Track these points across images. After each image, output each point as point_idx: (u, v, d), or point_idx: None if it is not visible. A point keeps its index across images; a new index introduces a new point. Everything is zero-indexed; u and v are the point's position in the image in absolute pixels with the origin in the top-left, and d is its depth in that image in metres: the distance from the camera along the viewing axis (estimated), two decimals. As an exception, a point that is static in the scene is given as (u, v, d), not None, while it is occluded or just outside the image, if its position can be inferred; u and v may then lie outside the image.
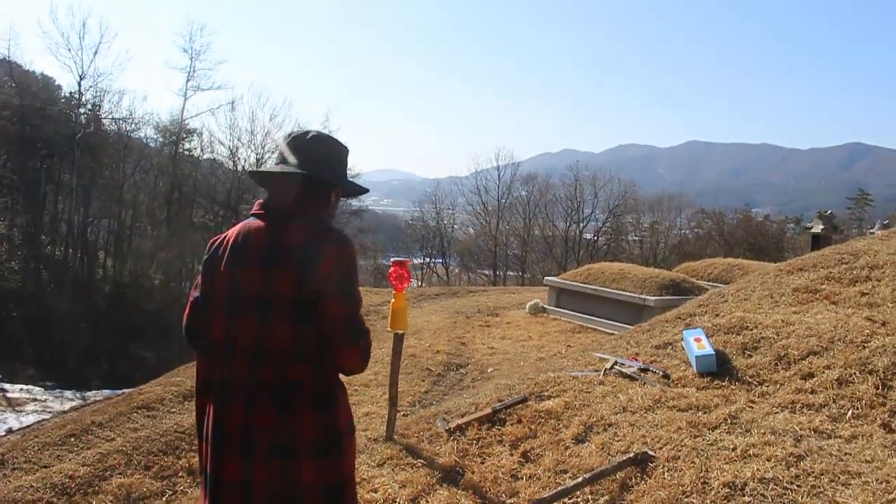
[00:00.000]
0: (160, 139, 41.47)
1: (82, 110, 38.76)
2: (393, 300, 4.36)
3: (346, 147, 2.51)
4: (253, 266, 2.25)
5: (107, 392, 18.50)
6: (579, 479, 3.27)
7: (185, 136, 41.11)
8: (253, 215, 2.39)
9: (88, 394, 21.66)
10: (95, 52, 37.22)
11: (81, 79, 37.01)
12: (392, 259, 4.65)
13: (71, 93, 38.93)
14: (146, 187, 40.91)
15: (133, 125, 40.42)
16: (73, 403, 15.72)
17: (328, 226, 2.36)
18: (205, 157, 43.35)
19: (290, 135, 2.46)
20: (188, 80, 39.51)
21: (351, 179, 2.57)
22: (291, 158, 2.38)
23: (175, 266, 39.48)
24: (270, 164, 2.49)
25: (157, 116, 41.78)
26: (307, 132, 2.46)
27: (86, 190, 37.50)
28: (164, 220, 39.67)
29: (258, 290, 2.22)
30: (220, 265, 2.33)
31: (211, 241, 2.47)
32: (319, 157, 2.40)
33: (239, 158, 42.83)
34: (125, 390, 11.05)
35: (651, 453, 3.33)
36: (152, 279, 39.00)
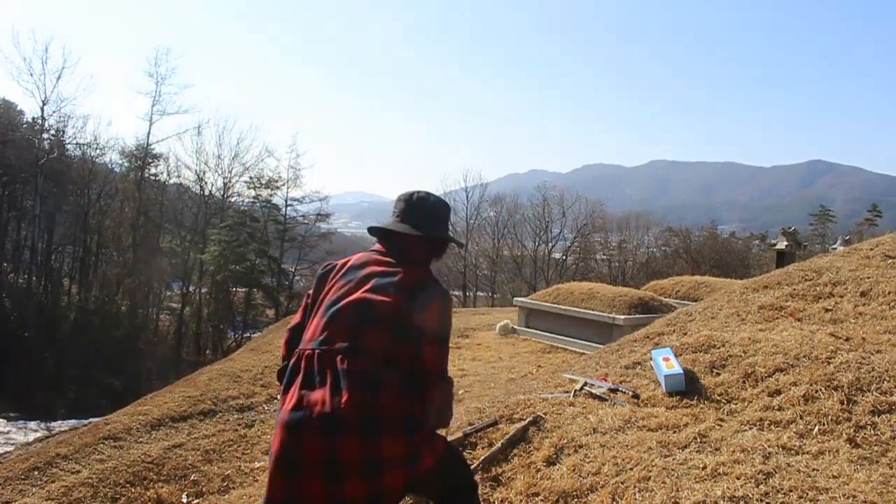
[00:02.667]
0: (126, 164, 41.18)
1: (45, 136, 38.42)
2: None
3: (449, 206, 2.90)
4: (365, 281, 2.56)
5: (73, 422, 18.19)
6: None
7: (151, 160, 40.91)
8: (374, 251, 2.73)
9: (54, 424, 21.28)
10: (58, 77, 37.00)
11: (44, 104, 36.73)
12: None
13: (34, 118, 38.62)
14: (112, 213, 40.49)
15: (98, 150, 40.19)
16: (38, 435, 15.41)
17: (437, 279, 2.71)
18: (171, 181, 43.18)
19: (412, 195, 2.81)
20: (154, 105, 39.43)
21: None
22: (413, 218, 2.74)
23: (142, 292, 39.08)
24: (391, 221, 2.79)
25: (123, 141, 41.64)
26: (429, 195, 2.82)
27: (49, 216, 37.04)
28: (130, 246, 39.28)
29: (364, 300, 2.51)
30: (332, 279, 2.64)
31: (325, 263, 2.80)
32: (439, 219, 2.80)
33: (206, 183, 42.70)
34: (92, 420, 10.87)
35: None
36: (119, 305, 38.56)
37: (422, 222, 2.73)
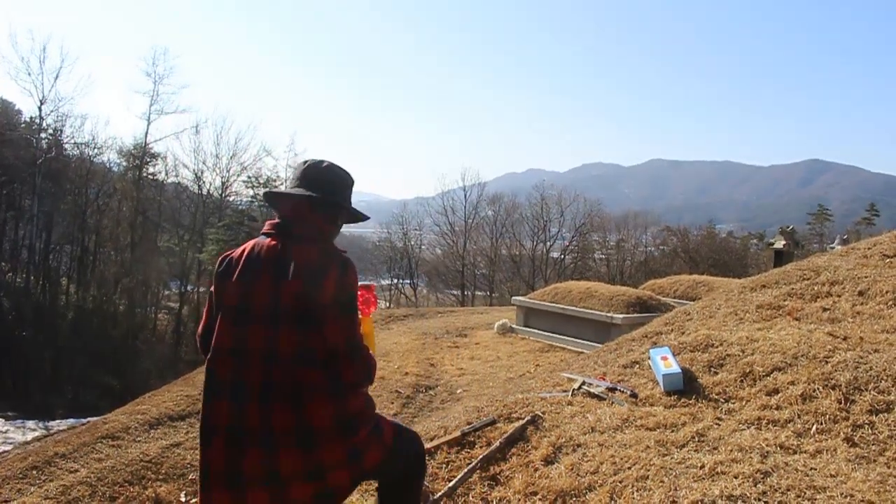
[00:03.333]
0: (123, 163, 41.13)
1: (43, 135, 38.36)
2: (360, 325, 4.34)
3: (352, 177, 2.77)
4: (263, 279, 2.47)
5: (71, 421, 18.17)
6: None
7: (148, 160, 40.85)
8: (264, 234, 2.62)
9: (52, 423, 21.26)
10: (56, 77, 36.96)
11: (42, 103, 36.69)
12: (358, 284, 4.63)
13: (31, 118, 38.56)
14: (109, 212, 40.42)
15: (96, 150, 40.13)
16: (36, 434, 15.41)
17: (335, 248, 2.60)
18: (169, 181, 43.13)
19: (304, 162, 2.72)
20: (152, 104, 39.35)
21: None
22: (304, 183, 2.63)
23: (140, 291, 39.02)
24: (284, 188, 2.78)
25: (121, 140, 41.50)
26: (322, 161, 2.71)
27: (47, 215, 37.01)
28: (128, 245, 39.23)
29: (267, 301, 2.43)
30: (231, 278, 2.54)
31: (222, 256, 2.69)
32: (330, 183, 2.66)
33: (204, 182, 42.62)
34: (90, 419, 10.87)
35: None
36: (117, 305, 38.51)
37: (311, 186, 2.62)
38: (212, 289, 2.65)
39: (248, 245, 2.63)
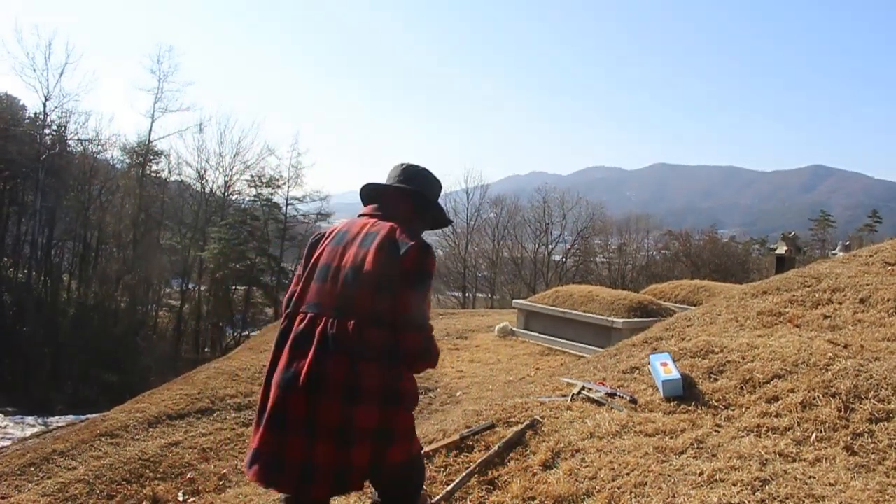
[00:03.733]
0: (127, 160, 41.16)
1: (47, 131, 38.40)
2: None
3: (441, 184, 3.11)
4: (350, 246, 2.72)
5: (70, 417, 18.17)
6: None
7: (152, 157, 40.88)
8: (359, 215, 2.92)
9: (51, 420, 21.25)
10: (61, 73, 37.00)
11: (47, 99, 36.71)
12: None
13: (36, 113, 38.57)
14: (112, 209, 40.43)
15: (99, 146, 40.15)
16: (35, 430, 15.40)
17: (419, 233, 2.82)
18: (172, 178, 43.14)
19: (402, 164, 3.01)
20: (156, 102, 39.36)
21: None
22: (401, 178, 2.95)
23: (141, 289, 39.03)
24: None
25: (124, 138, 41.50)
26: (417, 165, 3.02)
27: (50, 211, 37.01)
28: (130, 243, 39.24)
29: (350, 265, 2.67)
30: (322, 245, 2.81)
31: (315, 232, 2.98)
32: (423, 180, 2.98)
33: (207, 180, 42.66)
34: (89, 416, 10.87)
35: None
36: (118, 302, 38.51)
37: (406, 181, 2.94)
38: (301, 261, 2.89)
39: (342, 222, 2.93)
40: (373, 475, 2.68)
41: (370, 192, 3.00)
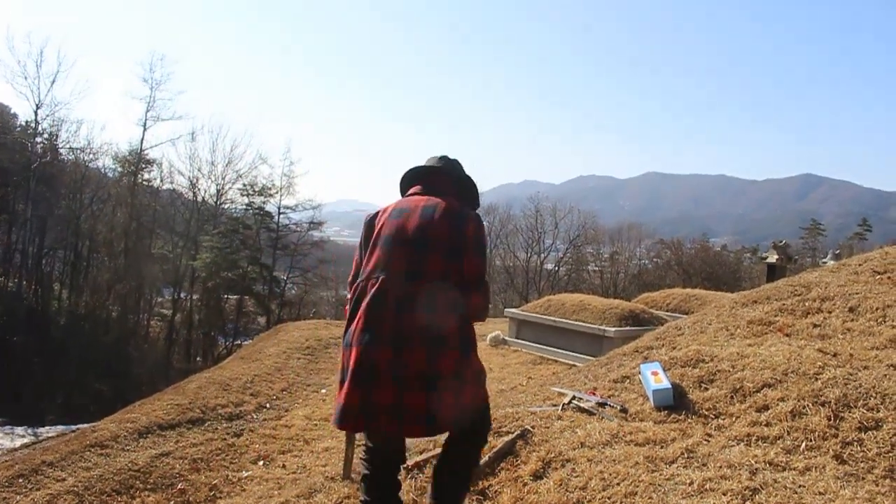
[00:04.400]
0: (119, 169, 41.02)
1: (39, 139, 38.25)
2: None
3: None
4: (413, 216, 2.99)
5: (61, 428, 18.05)
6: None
7: (144, 166, 40.77)
8: (410, 194, 3.21)
9: (41, 430, 21.10)
10: (53, 81, 36.96)
11: (38, 107, 36.58)
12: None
13: (27, 122, 38.45)
14: (104, 218, 40.27)
15: (91, 155, 40.01)
16: (25, 440, 15.30)
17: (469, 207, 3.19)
18: (164, 187, 43.02)
19: (439, 155, 3.33)
20: (148, 110, 39.24)
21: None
22: (442, 165, 3.29)
23: (133, 298, 38.88)
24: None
25: (116, 146, 41.56)
26: (454, 158, 3.35)
27: (41, 220, 36.85)
28: (121, 251, 39.08)
29: (417, 233, 2.94)
30: (381, 220, 3.07)
31: (369, 214, 3.21)
32: (461, 169, 3.33)
33: (199, 189, 42.59)
34: (80, 426, 10.80)
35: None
36: (109, 311, 38.34)
37: (447, 167, 3.29)
38: (359, 241, 3.15)
39: (395, 201, 3.19)
40: (453, 418, 2.90)
41: (416, 175, 3.29)
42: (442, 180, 3.22)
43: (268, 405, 9.24)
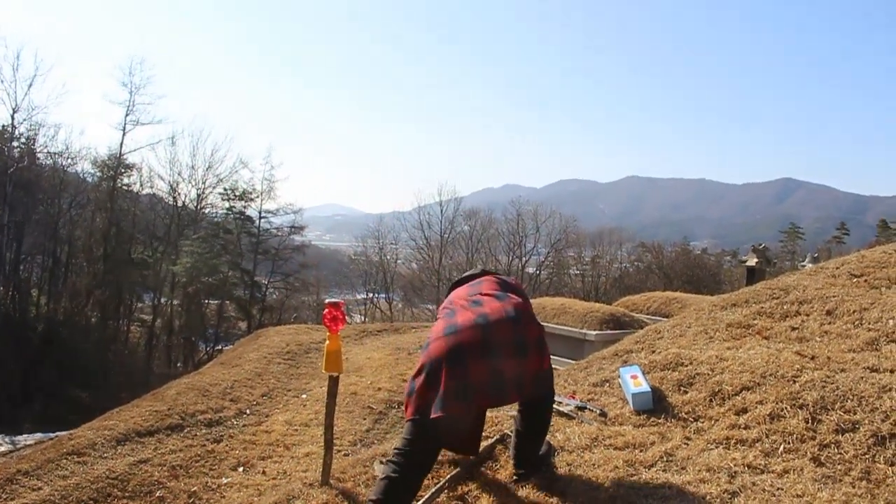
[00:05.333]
0: (98, 174, 40.63)
1: (16, 144, 37.79)
2: (328, 342, 4.33)
3: None
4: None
5: (39, 435, 17.83)
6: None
7: (123, 170, 40.39)
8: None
9: (18, 438, 20.84)
10: (30, 85, 36.57)
11: (15, 112, 36.20)
12: (327, 301, 4.64)
13: (4, 126, 37.95)
14: (83, 223, 39.90)
15: (69, 159, 39.62)
16: (2, 449, 15.12)
17: None
18: (144, 192, 42.71)
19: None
20: (127, 115, 38.91)
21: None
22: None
23: (112, 303, 38.55)
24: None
25: (95, 151, 40.96)
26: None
27: (18, 225, 36.45)
28: (101, 257, 38.72)
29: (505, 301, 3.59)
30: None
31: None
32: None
33: (179, 194, 42.34)
34: (58, 433, 10.68)
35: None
36: (89, 317, 37.98)
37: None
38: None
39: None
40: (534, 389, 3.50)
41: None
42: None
43: (248, 411, 9.17)
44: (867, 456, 3.46)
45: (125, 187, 41.56)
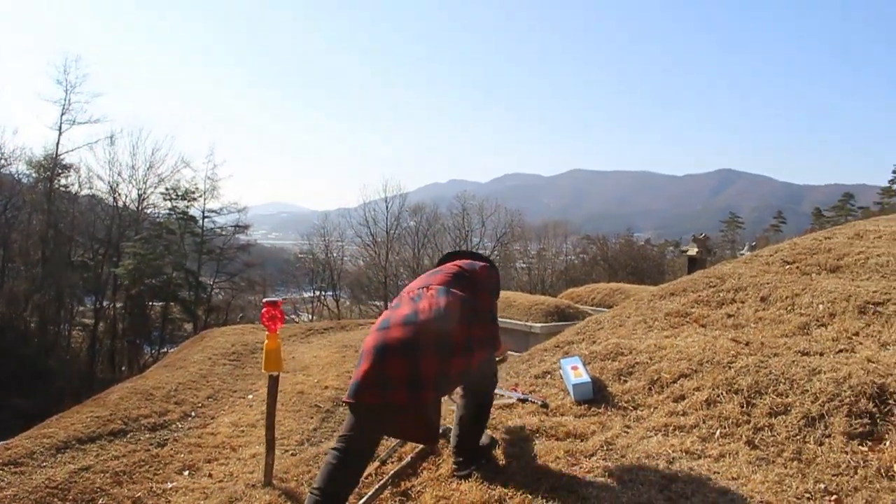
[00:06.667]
0: (33, 175, 39.52)
1: (-56, 146, 36.63)
2: (267, 341, 4.31)
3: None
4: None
5: (-24, 446, 17.35)
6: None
7: (60, 171, 39.34)
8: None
9: (-45, 449, 20.27)
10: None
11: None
12: (264, 300, 4.61)
13: (-71, 128, 36.77)
14: (19, 226, 38.78)
15: (3, 160, 38.47)
16: (-62, 460, 14.68)
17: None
18: (83, 193, 41.65)
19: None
20: (63, 114, 37.90)
21: None
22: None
23: (52, 308, 37.61)
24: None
25: (30, 151, 39.81)
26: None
27: (-50, 230, 35.37)
28: (39, 260, 37.73)
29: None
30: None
31: None
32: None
33: (119, 194, 41.42)
34: (-2, 443, 10.38)
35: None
36: (27, 322, 37.00)
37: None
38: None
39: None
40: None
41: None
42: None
43: (193, 413, 9.05)
44: (798, 437, 3.56)
45: (63, 188, 40.50)
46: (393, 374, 3.15)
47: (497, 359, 3.92)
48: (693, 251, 18.75)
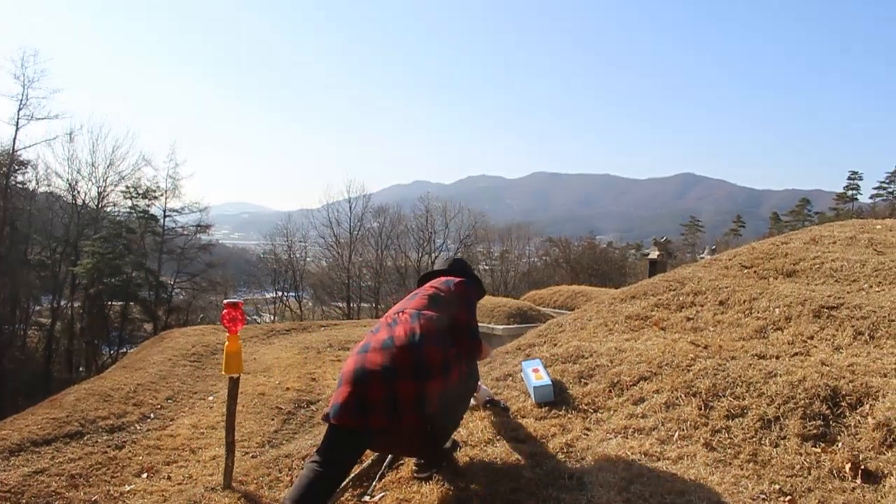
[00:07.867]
0: (-11, 171, 38.77)
1: None
2: (227, 343, 4.27)
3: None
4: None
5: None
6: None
7: (17, 167, 38.58)
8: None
9: None
10: None
11: None
12: (225, 301, 4.58)
13: None
14: (-27, 223, 38.05)
15: (-44, 157, 37.66)
16: None
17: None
18: (41, 190, 40.91)
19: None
20: (20, 109, 37.14)
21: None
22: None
23: (7, 307, 36.88)
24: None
25: (-15, 147, 39.05)
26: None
27: None
28: (-7, 259, 37.01)
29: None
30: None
31: None
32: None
33: (79, 192, 40.75)
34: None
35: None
36: (-19, 322, 36.26)
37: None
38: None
39: None
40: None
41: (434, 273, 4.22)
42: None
43: (152, 415, 8.95)
44: (755, 439, 3.61)
45: (19, 185, 39.72)
46: (372, 397, 3.20)
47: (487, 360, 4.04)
48: (654, 254, 18.97)
